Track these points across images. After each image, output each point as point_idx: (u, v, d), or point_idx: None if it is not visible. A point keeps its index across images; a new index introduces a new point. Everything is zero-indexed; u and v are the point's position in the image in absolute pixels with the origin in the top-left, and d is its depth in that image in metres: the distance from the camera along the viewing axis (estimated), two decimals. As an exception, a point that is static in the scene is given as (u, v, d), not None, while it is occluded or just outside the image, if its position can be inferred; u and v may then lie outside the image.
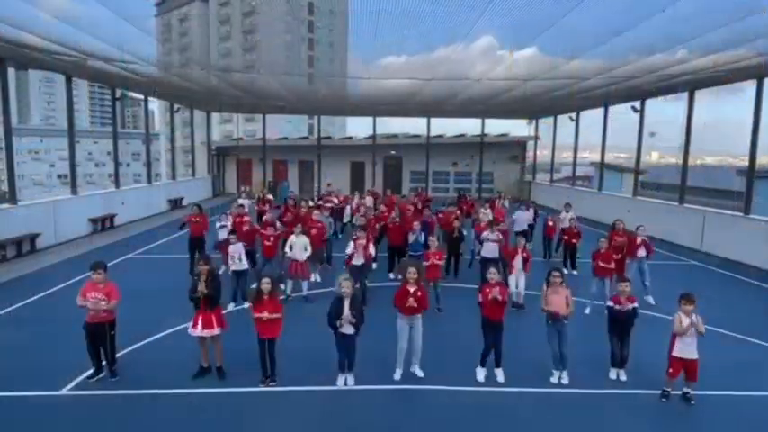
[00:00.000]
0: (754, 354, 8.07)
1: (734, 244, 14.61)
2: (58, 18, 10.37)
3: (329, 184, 21.26)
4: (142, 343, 7.72)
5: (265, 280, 6.35)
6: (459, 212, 13.68)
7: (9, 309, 9.25)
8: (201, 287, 6.40)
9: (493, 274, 6.77)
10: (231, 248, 9.42)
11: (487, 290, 6.65)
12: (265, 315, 6.25)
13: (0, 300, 9.72)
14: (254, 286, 6.75)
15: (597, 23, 10.22)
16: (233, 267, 9.38)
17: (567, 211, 13.66)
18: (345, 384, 6.57)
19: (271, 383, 6.50)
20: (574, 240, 12.53)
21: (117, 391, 6.35)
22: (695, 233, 16.17)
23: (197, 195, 26.77)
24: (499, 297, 6.54)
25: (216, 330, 6.55)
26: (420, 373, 6.82)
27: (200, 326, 6.48)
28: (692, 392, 6.40)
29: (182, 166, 50.77)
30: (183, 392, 6.36)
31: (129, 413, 5.91)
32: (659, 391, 6.49)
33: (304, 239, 10.01)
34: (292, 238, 10.03)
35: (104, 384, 6.49)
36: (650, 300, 10.16)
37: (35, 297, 9.62)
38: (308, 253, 9.95)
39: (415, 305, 6.55)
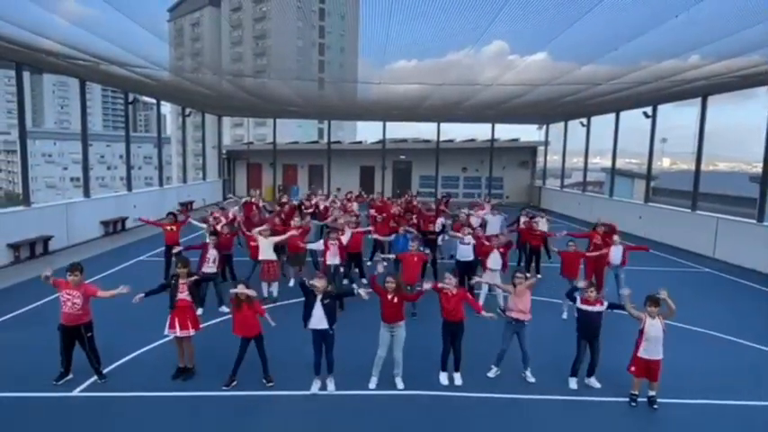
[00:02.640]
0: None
1: (747, 251, 14.44)
2: (73, 22, 10.48)
3: (339, 189, 21.34)
4: (154, 345, 7.75)
5: (240, 286, 6.46)
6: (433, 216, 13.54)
7: (23, 309, 9.38)
8: (242, 290, 6.42)
9: (448, 280, 6.71)
10: (210, 252, 9.38)
11: (447, 293, 6.61)
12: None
13: (14, 300, 9.87)
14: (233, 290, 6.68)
15: (609, 29, 10.16)
16: (204, 269, 9.14)
17: (542, 217, 13.85)
18: (324, 390, 6.52)
19: (269, 384, 6.63)
20: (535, 243, 12.40)
21: (126, 393, 6.40)
22: (708, 240, 16.00)
23: (208, 199, 26.89)
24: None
25: (191, 332, 6.73)
26: (400, 385, 6.68)
27: (177, 327, 6.63)
28: (655, 395, 6.36)
29: (192, 169, 51.22)
30: (189, 395, 6.39)
31: (135, 414, 5.95)
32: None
33: (269, 239, 10.01)
34: (261, 240, 9.96)
35: (113, 386, 6.54)
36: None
37: (49, 298, 9.69)
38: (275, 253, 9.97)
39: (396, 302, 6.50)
